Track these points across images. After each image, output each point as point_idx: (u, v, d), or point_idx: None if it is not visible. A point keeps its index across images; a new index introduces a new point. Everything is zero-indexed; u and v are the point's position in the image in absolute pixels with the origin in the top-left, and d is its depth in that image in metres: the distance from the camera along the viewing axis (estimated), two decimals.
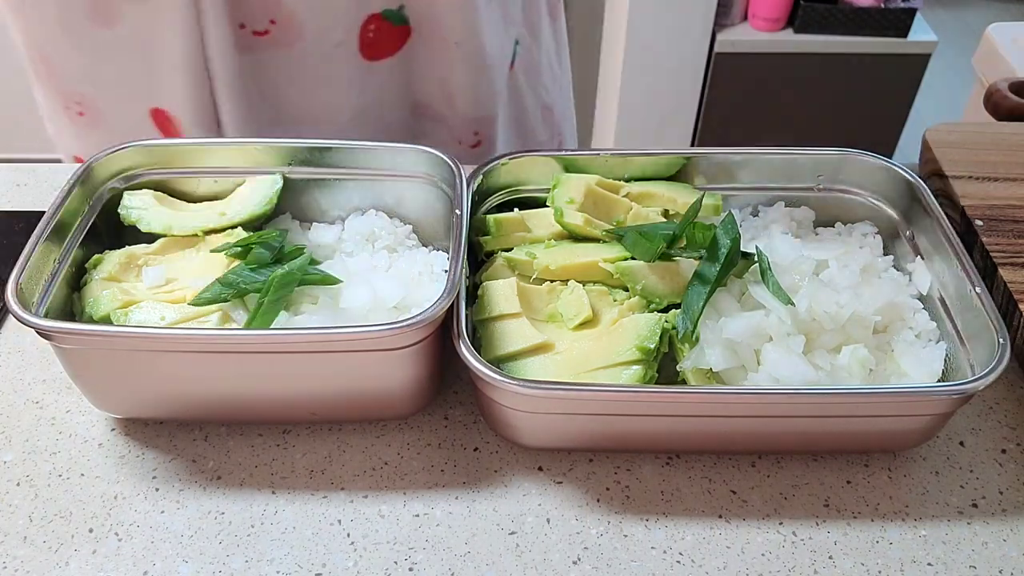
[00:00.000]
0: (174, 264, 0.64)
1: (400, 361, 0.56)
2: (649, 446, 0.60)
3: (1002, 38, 1.49)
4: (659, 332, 0.57)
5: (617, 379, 0.56)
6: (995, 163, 0.78)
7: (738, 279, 0.61)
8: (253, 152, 0.67)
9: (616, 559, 0.54)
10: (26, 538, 0.55)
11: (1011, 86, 1.16)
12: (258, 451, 0.60)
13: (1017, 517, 0.56)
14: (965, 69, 1.67)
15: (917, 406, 0.54)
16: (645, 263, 0.61)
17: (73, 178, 0.63)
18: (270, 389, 0.57)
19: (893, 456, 0.60)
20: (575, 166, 0.69)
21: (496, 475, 0.59)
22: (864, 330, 0.58)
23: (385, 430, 0.61)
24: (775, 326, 0.56)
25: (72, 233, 0.62)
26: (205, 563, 0.53)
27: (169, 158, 0.67)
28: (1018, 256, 0.69)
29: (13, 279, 0.54)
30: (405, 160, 0.67)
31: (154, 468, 0.59)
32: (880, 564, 0.54)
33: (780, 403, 0.54)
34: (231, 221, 0.66)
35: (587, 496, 0.57)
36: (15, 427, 0.61)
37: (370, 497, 0.57)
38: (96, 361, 0.56)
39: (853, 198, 0.69)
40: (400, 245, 0.67)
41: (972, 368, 0.56)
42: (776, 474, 0.59)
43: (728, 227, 0.59)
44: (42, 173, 0.84)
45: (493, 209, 0.69)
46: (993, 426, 0.62)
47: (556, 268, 0.62)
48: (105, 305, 0.59)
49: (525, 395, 0.53)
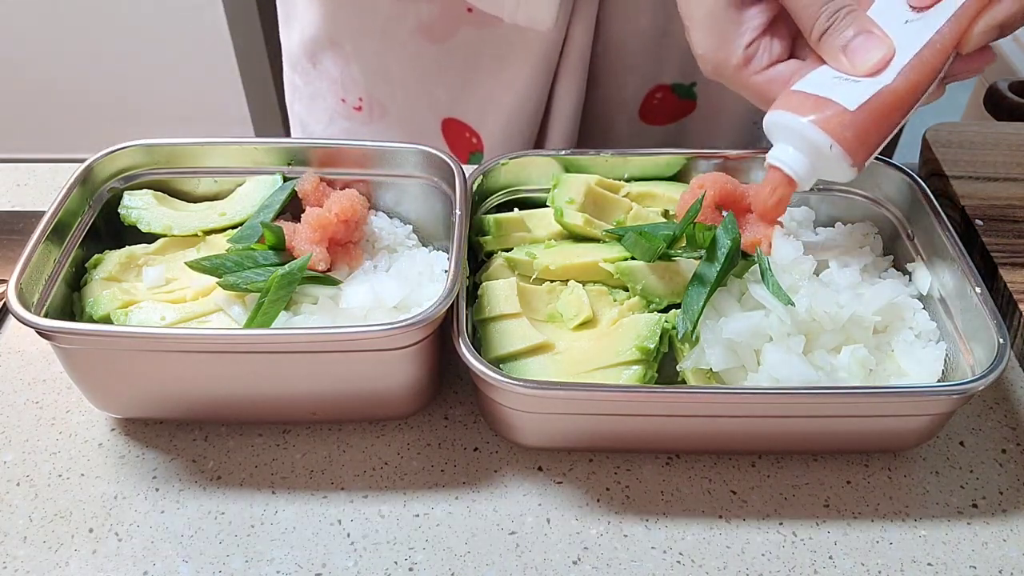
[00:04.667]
0: (174, 264, 0.63)
1: (400, 361, 0.56)
2: (649, 446, 0.60)
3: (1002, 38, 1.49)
4: (659, 332, 0.57)
5: (617, 379, 0.56)
6: (995, 163, 0.78)
7: (738, 279, 0.61)
8: (253, 152, 0.67)
9: (616, 559, 0.54)
10: (26, 538, 0.55)
11: (1011, 86, 1.16)
12: (258, 451, 0.60)
13: (1017, 517, 0.56)
14: None
15: (917, 406, 0.54)
16: (645, 263, 0.61)
17: (73, 178, 0.63)
18: (270, 389, 0.57)
19: (893, 456, 0.60)
20: (575, 166, 0.69)
21: (496, 475, 0.59)
22: (864, 330, 0.58)
23: (385, 430, 0.61)
24: (775, 326, 0.56)
25: (72, 233, 0.62)
26: (205, 563, 0.53)
27: (169, 158, 0.67)
28: (1018, 256, 0.69)
29: (13, 279, 0.54)
30: (405, 160, 0.67)
31: (154, 468, 0.59)
32: (880, 564, 0.54)
33: (780, 403, 0.54)
34: (231, 221, 0.66)
35: (587, 496, 0.57)
36: (15, 427, 0.61)
37: (370, 497, 0.57)
38: (96, 361, 0.56)
39: (853, 198, 0.69)
40: (400, 245, 0.67)
41: (972, 368, 0.56)
42: (776, 474, 0.59)
43: (728, 227, 0.59)
44: (42, 173, 0.84)
45: (493, 209, 0.69)
46: (993, 426, 0.62)
47: (556, 268, 0.62)
48: (105, 305, 0.59)
49: (525, 395, 0.53)
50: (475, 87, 0.84)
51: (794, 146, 0.55)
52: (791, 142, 0.55)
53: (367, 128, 0.91)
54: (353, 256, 0.64)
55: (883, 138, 0.55)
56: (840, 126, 0.53)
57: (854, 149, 0.53)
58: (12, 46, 2.09)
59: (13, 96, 2.19)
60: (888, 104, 0.53)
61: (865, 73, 0.54)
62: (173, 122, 2.25)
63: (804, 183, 0.56)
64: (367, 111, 0.90)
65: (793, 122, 0.54)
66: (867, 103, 0.53)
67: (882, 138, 0.55)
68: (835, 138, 0.53)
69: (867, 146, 0.54)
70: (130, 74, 2.16)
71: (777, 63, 0.57)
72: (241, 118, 2.21)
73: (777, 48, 0.57)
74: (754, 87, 0.57)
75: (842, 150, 0.53)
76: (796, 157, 0.55)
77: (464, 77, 0.84)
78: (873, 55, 0.53)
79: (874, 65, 0.53)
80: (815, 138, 0.53)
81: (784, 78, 0.57)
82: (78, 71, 2.15)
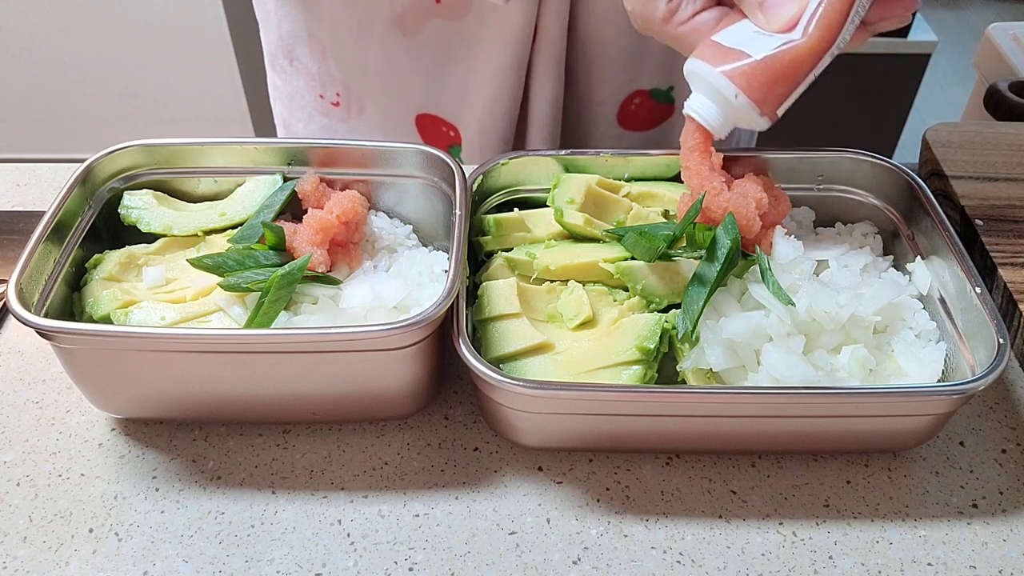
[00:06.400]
0: (174, 264, 0.64)
1: (400, 361, 0.56)
2: (649, 446, 0.60)
3: (1002, 38, 1.49)
4: (659, 332, 0.57)
5: (617, 379, 0.56)
6: (995, 163, 0.78)
7: (738, 279, 0.61)
8: (253, 152, 0.67)
9: (616, 559, 0.54)
10: (26, 538, 0.55)
11: (1011, 86, 1.16)
12: (258, 451, 0.60)
13: (1017, 517, 0.56)
14: (965, 69, 1.67)
15: (917, 406, 0.54)
16: (645, 263, 0.61)
17: (73, 178, 0.63)
18: (270, 389, 0.57)
19: (893, 456, 0.60)
20: (575, 166, 0.69)
21: (496, 475, 0.59)
22: (864, 330, 0.58)
23: (385, 430, 0.61)
24: (775, 326, 0.56)
25: (72, 233, 0.62)
26: (205, 563, 0.53)
27: (169, 158, 0.67)
28: (1018, 256, 0.69)
29: (13, 279, 0.54)
30: (405, 160, 0.67)
31: (154, 468, 0.59)
32: (880, 564, 0.54)
33: (780, 403, 0.54)
34: (231, 221, 0.66)
35: (587, 496, 0.57)
36: (15, 427, 0.61)
37: (370, 497, 0.57)
38: (96, 361, 0.56)
39: (853, 198, 0.69)
40: (400, 245, 0.67)
41: (972, 368, 0.56)
42: (776, 474, 0.59)
43: (728, 227, 0.59)
44: (42, 173, 0.84)
45: (493, 209, 0.69)
46: (993, 426, 0.62)
47: (556, 268, 0.62)
48: (105, 305, 0.59)
49: (525, 395, 0.53)
50: (448, 80, 0.85)
51: (706, 96, 0.57)
52: (704, 92, 0.57)
53: (345, 125, 0.92)
54: (353, 256, 0.64)
55: (791, 88, 0.56)
56: (744, 76, 0.55)
57: (760, 98, 0.55)
58: (12, 46, 2.09)
59: (13, 96, 2.19)
60: (795, 56, 0.55)
61: (777, 29, 0.55)
62: (173, 122, 2.25)
63: (718, 132, 0.58)
64: (345, 107, 0.90)
65: (704, 71, 0.56)
66: (773, 55, 0.55)
67: (790, 88, 0.56)
68: (740, 87, 0.55)
69: (774, 96, 0.56)
70: (130, 74, 2.16)
71: (703, 11, 0.58)
72: (241, 118, 2.22)
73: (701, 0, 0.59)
74: (680, 37, 0.59)
75: (748, 99, 0.55)
76: (708, 107, 0.57)
77: (437, 70, 0.84)
78: (785, 11, 0.55)
79: (787, 21, 0.55)
80: (722, 87, 0.55)
81: (708, 27, 0.58)
82: (78, 71, 2.15)
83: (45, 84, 2.17)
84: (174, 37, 2.09)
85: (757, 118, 0.56)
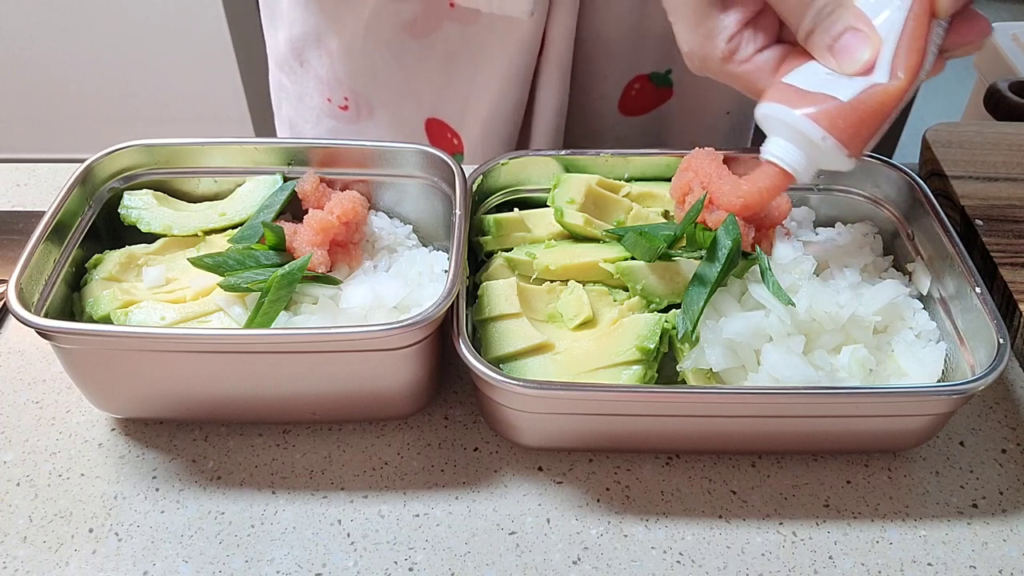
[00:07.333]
0: (174, 264, 0.64)
1: (400, 361, 0.56)
2: (649, 446, 0.60)
3: (1002, 38, 1.50)
4: (659, 332, 0.57)
5: (617, 379, 0.56)
6: (995, 163, 0.78)
7: (738, 279, 0.61)
8: (253, 152, 0.67)
9: (616, 559, 0.54)
10: (26, 538, 0.55)
11: (1011, 86, 1.16)
12: (258, 451, 0.60)
13: (1017, 517, 0.56)
14: (965, 69, 1.67)
15: (917, 406, 0.54)
16: (645, 263, 0.61)
17: (73, 178, 0.63)
18: (270, 389, 0.57)
19: (893, 456, 0.60)
20: (575, 166, 0.69)
21: (496, 475, 0.59)
22: (864, 330, 0.58)
23: (385, 430, 0.61)
24: (775, 326, 0.56)
25: (72, 233, 0.62)
26: (205, 563, 0.53)
27: (169, 158, 0.67)
28: (1018, 256, 0.69)
29: (13, 279, 0.54)
30: (405, 160, 0.67)
31: (154, 468, 0.59)
32: (880, 564, 0.54)
33: (780, 403, 0.54)
34: (231, 221, 0.66)
35: (587, 496, 0.57)
36: (15, 427, 0.61)
37: (370, 497, 0.57)
38: (96, 361, 0.56)
39: (853, 198, 0.69)
40: (400, 245, 0.67)
41: (972, 368, 0.56)
42: (776, 474, 0.59)
43: (729, 227, 0.59)
44: (42, 173, 0.84)
45: (493, 209, 0.69)
46: (993, 426, 0.62)
47: (556, 268, 0.62)
48: (105, 305, 0.59)
49: (525, 395, 0.53)
50: (456, 85, 0.84)
51: (787, 139, 0.55)
52: (784, 135, 0.55)
53: (353, 128, 0.92)
54: (353, 256, 0.64)
55: (879, 127, 0.54)
56: (830, 117, 0.52)
57: (848, 140, 0.53)
58: (12, 46, 2.09)
59: (13, 96, 2.19)
60: (883, 99, 0.53)
61: (854, 73, 0.53)
62: (173, 122, 2.25)
63: (802, 176, 0.56)
64: (354, 110, 0.90)
65: (785, 115, 0.54)
66: (859, 97, 0.53)
67: (878, 127, 0.54)
68: (829, 130, 0.53)
69: (862, 136, 0.54)
70: (130, 74, 2.16)
71: (764, 49, 0.57)
72: (241, 118, 2.22)
73: (762, 38, 0.57)
74: (741, 76, 0.57)
75: (836, 142, 0.53)
76: (790, 151, 0.55)
77: (446, 75, 0.84)
78: (860, 55, 0.53)
79: (863, 65, 0.53)
80: (807, 130, 0.53)
81: (770, 65, 0.56)
82: (78, 71, 2.15)
83: (45, 84, 2.17)
84: (174, 37, 2.09)
85: (844, 159, 0.54)
